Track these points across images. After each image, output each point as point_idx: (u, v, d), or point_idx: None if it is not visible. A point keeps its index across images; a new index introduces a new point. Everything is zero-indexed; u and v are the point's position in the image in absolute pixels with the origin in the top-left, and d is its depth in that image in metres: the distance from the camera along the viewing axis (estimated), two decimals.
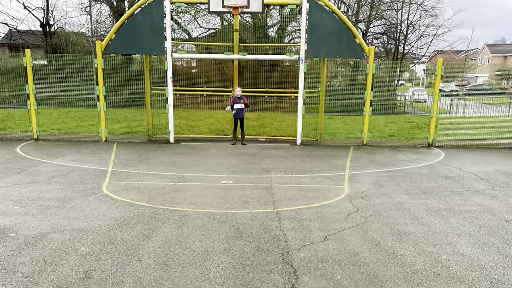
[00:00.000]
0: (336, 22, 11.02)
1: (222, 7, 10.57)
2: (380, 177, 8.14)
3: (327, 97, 12.88)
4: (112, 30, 11.38)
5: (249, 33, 21.41)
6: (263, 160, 9.67)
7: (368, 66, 11.34)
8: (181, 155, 10.08)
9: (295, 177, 8.00)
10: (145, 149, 10.86)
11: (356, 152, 10.90)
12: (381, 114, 13.40)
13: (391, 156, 10.43)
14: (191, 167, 8.74)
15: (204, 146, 11.41)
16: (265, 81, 13.56)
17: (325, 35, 11.01)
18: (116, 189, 6.95)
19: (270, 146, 11.70)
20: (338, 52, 11.14)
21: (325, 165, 9.22)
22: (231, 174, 8.17)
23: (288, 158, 9.95)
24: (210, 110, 13.71)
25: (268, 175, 8.18)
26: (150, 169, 8.48)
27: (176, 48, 15.02)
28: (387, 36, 28.34)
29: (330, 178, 7.96)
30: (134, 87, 13.10)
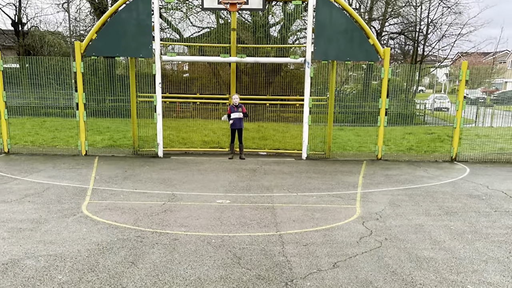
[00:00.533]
0: (347, 20, 11.18)
1: (218, 4, 10.79)
2: (397, 195, 8.20)
3: (336, 105, 13.02)
4: (93, 29, 11.50)
5: (248, 32, 21.64)
6: (264, 176, 9.73)
7: (383, 70, 11.47)
8: (171, 171, 10.13)
9: (300, 196, 8.06)
10: (131, 164, 10.91)
11: (370, 167, 10.96)
12: (397, 125, 13.51)
13: (409, 172, 10.49)
14: (182, 185, 8.79)
15: (197, 161, 11.48)
16: (266, 87, 13.69)
17: (334, 35, 11.16)
18: (98, 209, 6.99)
19: (272, 160, 11.77)
20: (349, 54, 11.27)
21: (335, 182, 9.28)
22: (228, 193, 8.22)
23: (293, 174, 10.02)
24: (204, 120, 13.82)
25: (269, 193, 8.23)
26: (136, 187, 8.52)
27: (166, 50, 15.17)
28: (405, 36, 28.65)
29: (340, 197, 8.02)
30: (118, 94, 13.21)
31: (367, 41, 11.23)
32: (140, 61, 12.52)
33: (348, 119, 14.67)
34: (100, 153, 12.27)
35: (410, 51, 29.55)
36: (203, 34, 22.60)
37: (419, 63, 26.31)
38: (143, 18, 11.09)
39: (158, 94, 11.47)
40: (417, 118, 18.11)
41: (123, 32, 11.17)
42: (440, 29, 28.75)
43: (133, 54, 11.48)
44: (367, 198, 7.99)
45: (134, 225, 6.23)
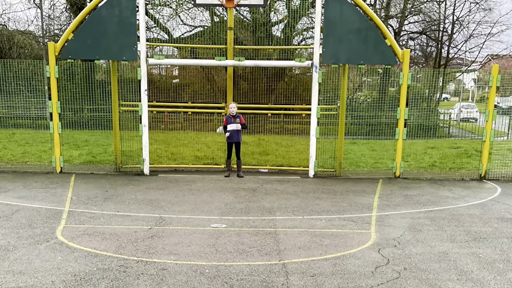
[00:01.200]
0: (361, 18, 11.31)
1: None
2: (418, 219, 8.25)
3: (348, 115, 13.10)
4: (69, 28, 11.63)
5: (248, 32, 21.82)
6: (266, 197, 9.79)
7: (402, 74, 11.59)
8: (159, 191, 10.19)
9: (306, 219, 8.11)
10: (112, 183, 10.97)
11: (387, 186, 11.03)
12: (418, 138, 13.57)
13: (432, 192, 10.55)
14: (172, 206, 8.84)
15: (188, 179, 11.53)
16: (268, 94, 13.81)
17: (346, 35, 11.28)
18: (75, 234, 7.04)
19: (274, 179, 11.84)
20: (363, 56, 11.38)
21: (346, 203, 9.34)
22: (223, 216, 8.27)
23: (298, 194, 10.07)
24: (197, 132, 13.89)
25: (271, 216, 8.28)
26: (118, 209, 8.57)
27: (153, 52, 15.31)
28: (427, 36, 28.92)
29: (353, 221, 8.07)
30: (98, 103, 13.31)
31: (384, 42, 11.37)
32: (123, 65, 12.63)
33: (362, 131, 14.73)
34: (77, 170, 12.35)
35: (432, 53, 29.79)
36: (196, 34, 22.80)
37: (443, 67, 26.50)
38: (127, 16, 11.21)
39: (143, 102, 11.57)
40: (441, 130, 18.17)
41: (103, 32, 11.28)
42: (467, 28, 28.86)
43: (115, 56, 11.63)
44: (383, 221, 8.05)
45: (117, 252, 6.27)
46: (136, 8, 11.23)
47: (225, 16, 19.55)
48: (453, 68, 29.34)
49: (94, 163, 13.27)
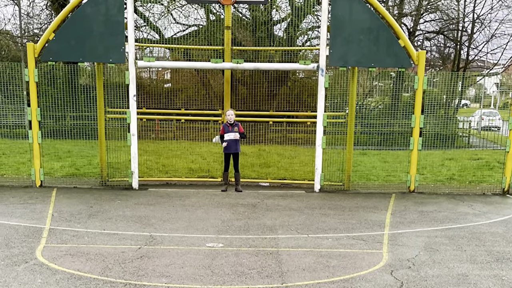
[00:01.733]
0: (372, 16, 11.38)
1: None
2: (434, 238, 8.28)
3: (358, 123, 13.16)
4: (49, 27, 11.70)
5: (247, 32, 21.93)
6: (267, 213, 9.84)
7: (417, 78, 11.66)
8: (149, 207, 10.23)
9: (312, 238, 8.14)
10: (98, 197, 11.02)
11: (400, 202, 11.07)
12: (435, 148, 13.63)
13: (450, 208, 10.59)
14: (163, 224, 8.88)
15: (182, 194, 11.58)
16: (269, 100, 13.87)
17: (355, 35, 11.35)
18: (56, 255, 7.07)
19: (276, 193, 11.89)
20: (374, 58, 11.46)
21: (356, 220, 9.38)
22: (220, 234, 8.31)
23: (302, 210, 10.11)
24: (191, 142, 13.93)
25: (273, 235, 8.32)
26: (104, 227, 8.61)
27: (142, 54, 15.39)
28: (444, 36, 29.01)
29: (363, 240, 8.11)
30: (82, 109, 13.37)
31: (397, 43, 11.43)
32: (110, 68, 12.70)
33: (373, 141, 14.80)
34: (59, 184, 12.39)
35: (451, 55, 29.85)
36: (190, 34, 22.89)
37: (463, 70, 26.56)
38: (114, 14, 11.27)
39: (132, 109, 11.64)
40: (459, 139, 18.21)
41: (88, 31, 11.34)
42: (489, 27, 28.94)
43: (100, 58, 11.71)
44: (396, 240, 8.07)
45: (102, 275, 6.30)
46: (124, 5, 11.30)
47: (222, 14, 19.61)
48: (473, 72, 29.34)
49: (77, 176, 13.32)
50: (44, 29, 24.89)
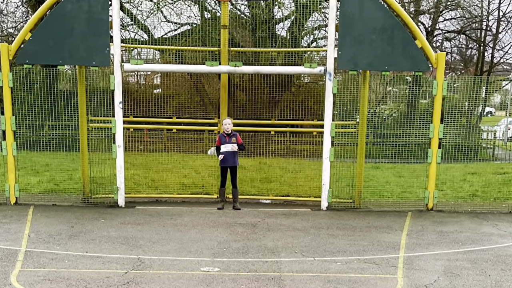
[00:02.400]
0: (385, 14, 11.49)
1: None
2: (455, 261, 8.31)
3: (369, 133, 13.22)
4: (26, 26, 11.83)
5: (246, 31, 22.07)
6: (268, 234, 9.89)
7: (435, 83, 11.75)
8: (136, 226, 10.27)
9: (318, 262, 8.18)
10: (79, 216, 11.06)
11: (417, 221, 11.11)
12: (456, 161, 13.69)
13: (473, 228, 10.62)
14: (152, 246, 8.91)
15: (173, 212, 11.64)
16: (270, 108, 13.95)
17: (366, 35, 11.46)
18: (33, 280, 7.09)
19: (278, 211, 11.95)
20: (388, 61, 11.57)
21: (367, 242, 9.42)
22: (216, 257, 8.34)
23: (308, 231, 10.16)
24: (183, 154, 14.00)
25: (275, 258, 8.36)
26: (87, 249, 8.64)
27: (129, 56, 15.47)
28: (466, 36, 29.15)
29: (375, 263, 8.14)
30: (62, 118, 13.44)
31: (413, 43, 11.53)
32: (93, 72, 12.79)
33: (387, 153, 14.86)
34: (36, 201, 12.44)
35: (473, 57, 29.98)
36: (182, 34, 23.04)
37: (487, 74, 26.66)
38: (97, 11, 11.37)
39: (118, 118, 11.73)
40: (483, 151, 18.26)
41: (68, 31, 11.44)
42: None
43: (83, 61, 11.79)
44: (413, 264, 8.10)
45: None
46: (108, 1, 11.42)
47: (218, 12, 19.81)
48: (498, 76, 29.49)
49: (57, 193, 13.39)
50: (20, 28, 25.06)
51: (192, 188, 13.80)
